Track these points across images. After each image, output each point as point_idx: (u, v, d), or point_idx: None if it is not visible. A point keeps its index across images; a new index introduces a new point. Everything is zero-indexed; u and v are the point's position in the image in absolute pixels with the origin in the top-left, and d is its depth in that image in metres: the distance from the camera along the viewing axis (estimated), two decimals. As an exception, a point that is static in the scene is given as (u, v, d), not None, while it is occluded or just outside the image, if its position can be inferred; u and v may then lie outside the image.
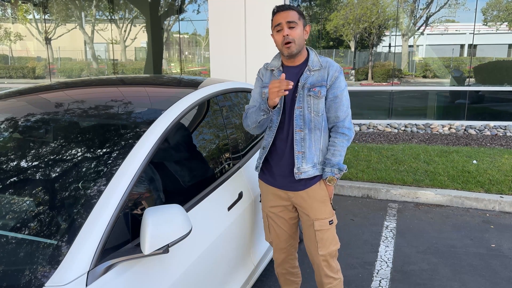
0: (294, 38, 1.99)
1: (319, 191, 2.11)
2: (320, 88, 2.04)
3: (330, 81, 2.05)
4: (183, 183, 1.95)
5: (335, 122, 2.10)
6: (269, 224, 2.27)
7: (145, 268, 1.53)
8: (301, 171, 2.07)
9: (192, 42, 12.14)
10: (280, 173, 2.14)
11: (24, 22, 12.41)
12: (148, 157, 1.70)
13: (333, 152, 2.08)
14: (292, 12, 2.00)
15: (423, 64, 10.29)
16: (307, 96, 2.04)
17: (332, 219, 2.15)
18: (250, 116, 2.13)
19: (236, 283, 2.18)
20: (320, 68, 2.06)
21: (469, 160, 5.54)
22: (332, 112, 2.08)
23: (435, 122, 8.41)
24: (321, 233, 2.13)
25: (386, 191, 4.58)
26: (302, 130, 2.06)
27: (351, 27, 10.63)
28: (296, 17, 2.01)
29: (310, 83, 2.04)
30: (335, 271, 2.21)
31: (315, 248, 2.15)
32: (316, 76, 2.05)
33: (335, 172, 2.07)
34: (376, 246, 3.49)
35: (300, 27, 2.02)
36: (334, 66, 2.07)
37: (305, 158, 2.06)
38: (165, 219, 1.45)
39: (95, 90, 2.39)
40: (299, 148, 2.06)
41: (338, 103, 2.07)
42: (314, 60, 2.08)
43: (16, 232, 1.46)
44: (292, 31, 1.99)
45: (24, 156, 1.78)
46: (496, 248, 3.45)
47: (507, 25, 9.81)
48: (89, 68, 12.02)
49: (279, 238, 2.27)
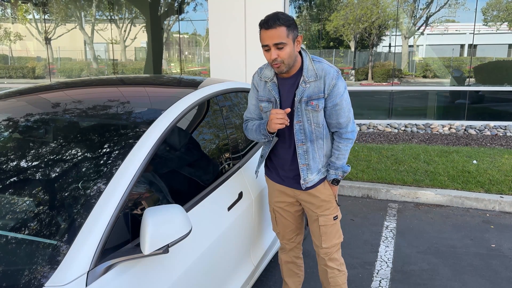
0: (283, 59, 1.88)
1: (324, 190, 2.16)
2: (318, 101, 1.96)
3: (328, 90, 1.96)
4: (183, 183, 1.95)
5: (338, 129, 2.07)
6: (275, 217, 2.34)
7: (145, 268, 1.53)
8: (307, 181, 2.11)
9: (192, 42, 12.15)
10: (285, 175, 2.19)
11: (24, 22, 12.41)
12: (148, 157, 1.69)
13: (337, 156, 2.10)
14: (279, 30, 1.83)
15: (423, 64, 10.29)
16: (305, 110, 1.99)
17: (337, 214, 2.21)
18: (251, 133, 2.16)
19: (236, 283, 2.18)
20: (316, 79, 1.95)
21: (469, 160, 5.54)
22: (333, 119, 2.04)
23: (435, 122, 8.41)
24: (325, 228, 2.19)
25: (386, 191, 4.57)
26: (304, 144, 2.05)
27: (351, 27, 10.63)
28: (284, 36, 1.84)
29: (307, 96, 1.97)
30: (338, 263, 2.26)
31: (319, 241, 2.22)
32: (313, 87, 1.96)
33: (339, 174, 2.12)
34: (376, 246, 3.49)
35: (289, 45, 1.87)
36: (330, 74, 1.95)
37: (310, 170, 2.09)
38: (165, 219, 1.45)
39: (95, 90, 2.39)
40: (303, 161, 2.08)
41: (338, 110, 2.01)
42: (309, 69, 1.97)
43: (16, 232, 1.46)
44: (281, 51, 1.86)
45: (24, 156, 1.78)
46: (496, 248, 3.45)
47: (507, 25, 9.81)
48: (89, 68, 12.02)
49: (286, 229, 2.34)
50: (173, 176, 1.91)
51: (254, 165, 2.57)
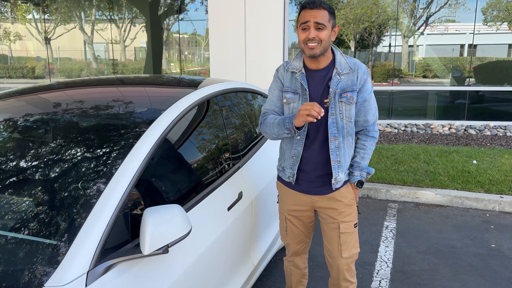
0: (322, 39, 1.84)
1: (347, 194, 2.07)
2: (352, 93, 1.93)
3: (360, 84, 1.95)
4: (183, 183, 1.95)
5: (365, 126, 2.03)
6: (286, 226, 2.22)
7: (145, 268, 1.53)
8: (337, 181, 2.02)
9: (192, 42, 12.14)
10: (305, 179, 2.07)
11: (23, 22, 12.41)
12: (148, 157, 1.69)
13: (362, 155, 2.04)
14: (323, 12, 1.83)
15: (423, 64, 10.29)
16: (339, 102, 1.93)
17: (357, 222, 2.12)
18: (271, 127, 2.00)
19: (236, 283, 2.17)
20: (350, 71, 1.94)
21: (469, 160, 5.54)
22: (361, 116, 2.00)
23: (435, 122, 8.41)
24: (346, 236, 2.08)
25: (386, 191, 4.57)
26: (336, 138, 1.96)
27: (351, 26, 10.63)
28: (326, 18, 1.84)
29: (341, 88, 1.93)
30: (353, 275, 2.18)
31: (338, 250, 2.10)
32: (346, 80, 1.94)
33: (364, 176, 2.03)
34: (376, 246, 3.48)
35: (328, 29, 1.85)
36: (362, 68, 1.96)
37: (341, 167, 2.00)
38: (164, 219, 1.45)
39: (95, 90, 2.39)
40: (335, 158, 1.98)
41: (367, 106, 1.99)
42: (341, 62, 1.95)
43: (16, 232, 1.46)
44: (320, 32, 1.84)
45: (23, 156, 1.78)
46: (496, 248, 3.45)
47: (507, 25, 9.81)
48: (88, 68, 12.01)
49: (295, 239, 2.24)
50: (173, 176, 1.91)
51: (254, 165, 2.56)
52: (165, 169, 1.87)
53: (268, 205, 2.62)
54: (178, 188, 1.90)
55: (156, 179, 1.79)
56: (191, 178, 2.02)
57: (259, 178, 2.55)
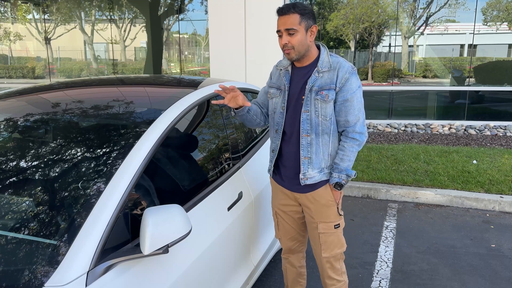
0: (293, 45, 1.91)
1: (325, 195, 2.07)
2: (328, 91, 1.95)
3: (340, 83, 1.94)
4: (183, 183, 1.95)
5: (345, 127, 2.01)
6: (278, 221, 2.28)
7: (145, 268, 1.53)
8: (306, 177, 2.02)
9: (192, 42, 12.15)
10: (286, 174, 2.12)
11: (23, 22, 12.42)
12: (148, 157, 1.69)
13: (341, 157, 2.01)
14: (292, 17, 1.89)
15: (423, 64, 10.29)
16: (315, 99, 1.96)
17: (339, 223, 2.11)
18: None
19: (236, 283, 2.18)
20: (329, 69, 1.96)
21: (469, 160, 5.54)
22: (342, 116, 1.99)
23: (435, 122, 8.41)
24: (325, 236, 2.10)
25: (386, 191, 4.57)
26: (308, 135, 1.99)
27: (351, 27, 10.63)
28: (296, 22, 1.89)
29: (318, 86, 1.95)
30: (339, 273, 2.19)
31: (319, 249, 2.14)
32: (325, 78, 1.96)
33: (343, 178, 2.01)
34: (376, 246, 3.49)
35: (301, 32, 1.90)
36: (344, 67, 1.96)
37: (311, 164, 2.01)
38: (165, 219, 1.45)
39: (95, 90, 2.39)
40: (305, 154, 2.00)
41: (348, 106, 1.97)
42: (324, 60, 1.98)
43: (16, 232, 1.46)
44: (292, 38, 1.90)
45: (24, 156, 1.78)
46: (496, 248, 3.45)
47: (507, 25, 9.81)
48: (88, 68, 12.02)
49: (287, 235, 2.28)
50: (173, 176, 1.91)
51: (254, 165, 2.57)
52: (165, 168, 1.87)
53: (268, 205, 2.62)
54: (178, 188, 1.90)
55: (156, 179, 1.79)
56: (191, 178, 2.02)
57: (259, 178, 2.56)
